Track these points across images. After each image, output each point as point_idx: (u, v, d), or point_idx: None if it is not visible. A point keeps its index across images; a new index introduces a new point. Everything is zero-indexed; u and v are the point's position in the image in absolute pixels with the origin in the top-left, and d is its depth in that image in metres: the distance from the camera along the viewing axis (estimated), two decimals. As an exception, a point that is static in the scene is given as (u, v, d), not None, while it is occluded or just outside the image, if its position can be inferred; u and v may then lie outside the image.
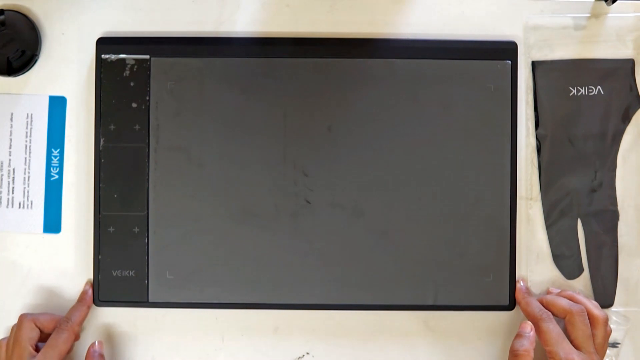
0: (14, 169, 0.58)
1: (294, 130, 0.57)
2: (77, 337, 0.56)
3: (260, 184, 0.57)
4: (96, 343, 0.56)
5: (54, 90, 0.58)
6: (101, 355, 0.56)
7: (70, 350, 0.56)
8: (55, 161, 0.58)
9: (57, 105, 0.58)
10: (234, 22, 0.59)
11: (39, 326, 0.55)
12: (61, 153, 0.58)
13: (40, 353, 0.54)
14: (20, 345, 0.54)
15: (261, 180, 0.57)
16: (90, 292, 0.57)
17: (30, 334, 0.54)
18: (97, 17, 0.59)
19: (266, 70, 0.57)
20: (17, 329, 0.55)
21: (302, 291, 0.57)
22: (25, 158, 0.58)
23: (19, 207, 0.58)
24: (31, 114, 0.58)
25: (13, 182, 0.58)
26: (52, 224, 0.58)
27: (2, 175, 0.59)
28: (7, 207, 0.58)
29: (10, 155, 0.59)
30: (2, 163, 0.59)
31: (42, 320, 0.55)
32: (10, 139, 0.59)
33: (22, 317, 0.55)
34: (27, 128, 0.59)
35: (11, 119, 0.58)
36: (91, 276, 0.58)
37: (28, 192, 0.58)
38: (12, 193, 0.58)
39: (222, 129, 0.57)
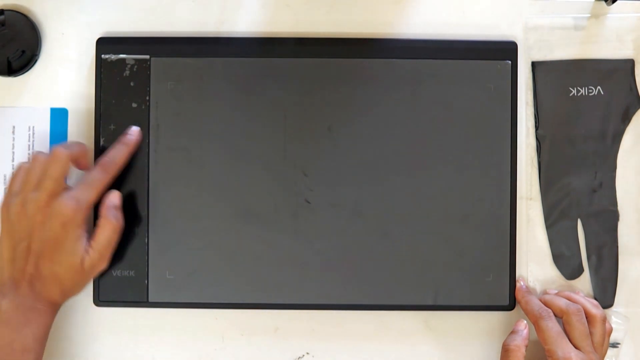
0: None
1: (294, 130, 0.57)
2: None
3: (260, 184, 0.57)
4: (112, 195, 0.54)
5: (54, 91, 0.58)
6: (116, 207, 0.54)
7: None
8: None
9: (59, 117, 0.58)
10: (234, 22, 0.59)
11: (72, 161, 0.53)
12: None
13: (77, 189, 0.52)
14: (54, 180, 0.52)
15: (261, 180, 0.57)
16: (135, 134, 0.56)
17: (66, 170, 0.52)
18: (97, 17, 0.59)
19: (266, 70, 0.57)
20: (52, 161, 0.52)
21: (302, 291, 0.57)
22: None
23: None
24: (33, 127, 0.58)
25: None
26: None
27: (5, 188, 0.58)
28: None
29: (13, 168, 0.58)
30: (5, 176, 0.59)
31: (76, 155, 0.54)
32: (13, 152, 0.58)
33: (58, 151, 0.53)
34: (29, 141, 0.58)
35: (13, 132, 0.58)
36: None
37: None
38: None
39: (222, 129, 0.57)
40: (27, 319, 0.51)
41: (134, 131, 0.56)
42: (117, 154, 0.55)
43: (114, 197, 0.55)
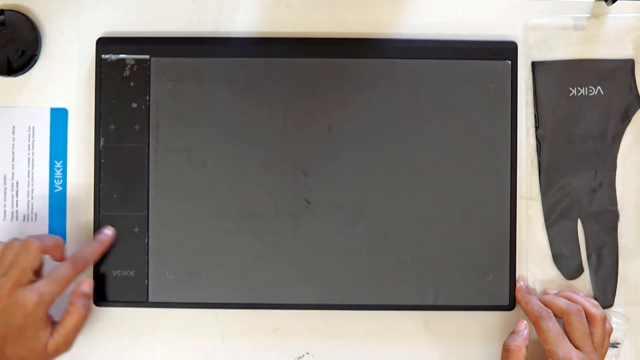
0: (17, 182, 0.58)
1: (294, 130, 0.57)
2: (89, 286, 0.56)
3: (260, 184, 0.57)
4: (84, 283, 0.55)
5: (54, 91, 0.58)
6: (87, 295, 0.55)
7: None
8: (58, 173, 0.58)
9: (59, 117, 0.58)
10: (234, 22, 0.59)
11: (44, 254, 0.54)
12: (64, 165, 0.58)
13: (42, 282, 0.53)
14: (21, 270, 0.52)
15: (261, 180, 0.57)
16: (110, 234, 0.56)
17: (35, 262, 0.53)
18: (97, 17, 0.59)
19: (266, 70, 0.57)
20: (22, 251, 0.53)
21: (302, 291, 0.57)
22: (29, 171, 0.58)
23: (24, 220, 0.58)
24: (33, 127, 0.58)
25: (17, 195, 0.58)
26: (58, 235, 0.58)
27: (5, 188, 0.58)
28: (11, 220, 0.58)
29: (13, 168, 0.58)
30: (5, 176, 0.59)
31: (49, 248, 0.54)
32: (13, 152, 0.58)
33: (30, 241, 0.53)
34: (29, 141, 0.58)
35: (13, 132, 0.58)
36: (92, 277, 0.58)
37: (32, 204, 0.58)
38: (17, 206, 0.58)
39: (222, 129, 0.57)
40: None
41: (109, 231, 0.57)
42: (89, 251, 0.55)
43: (85, 286, 0.55)
